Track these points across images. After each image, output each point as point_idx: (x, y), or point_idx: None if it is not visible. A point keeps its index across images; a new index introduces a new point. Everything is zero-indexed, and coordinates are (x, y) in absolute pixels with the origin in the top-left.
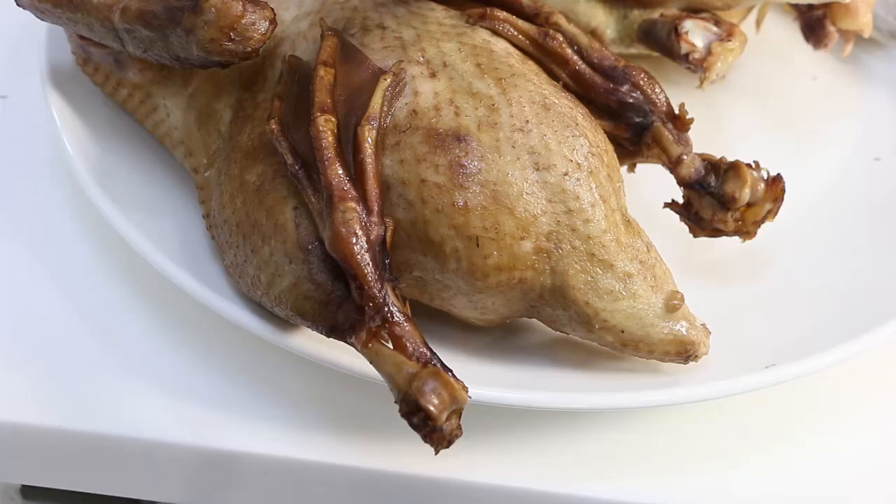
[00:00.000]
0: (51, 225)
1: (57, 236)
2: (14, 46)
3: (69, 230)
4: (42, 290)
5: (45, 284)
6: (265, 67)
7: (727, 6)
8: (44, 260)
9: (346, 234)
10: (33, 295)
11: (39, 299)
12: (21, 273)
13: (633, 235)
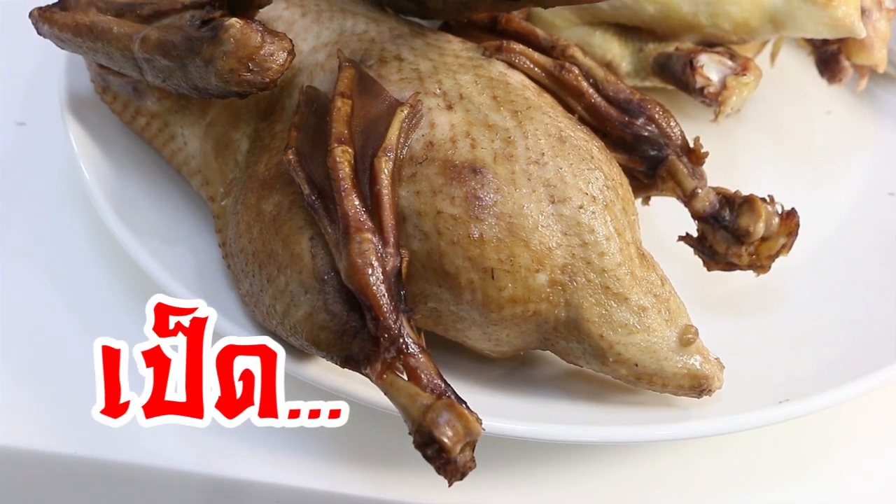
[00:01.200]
0: (67, 251)
1: (73, 262)
2: (33, 74)
3: (86, 256)
4: (57, 316)
5: (61, 310)
6: (282, 98)
7: (742, 40)
8: (60, 286)
9: (362, 265)
10: (49, 320)
11: (55, 325)
12: (37, 298)
13: (648, 269)
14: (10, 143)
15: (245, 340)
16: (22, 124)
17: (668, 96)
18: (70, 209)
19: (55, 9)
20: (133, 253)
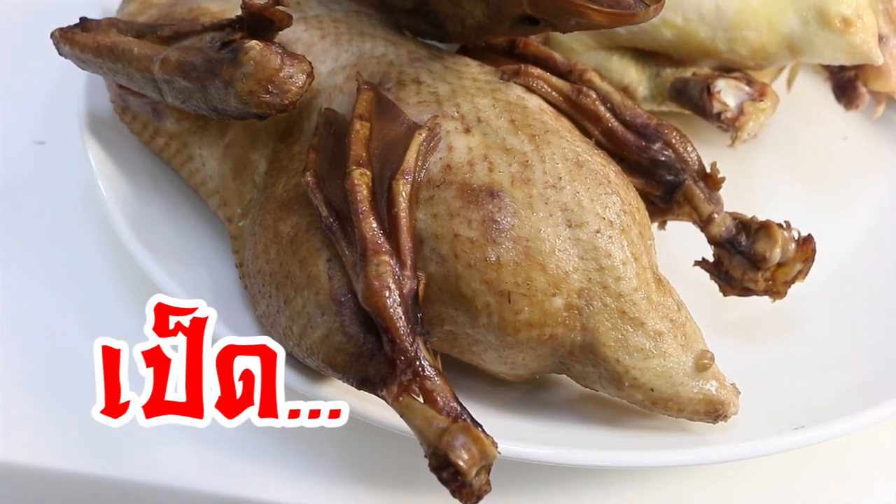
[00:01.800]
0: (84, 270)
1: (90, 281)
2: (53, 94)
3: (102, 276)
4: (73, 336)
5: (77, 329)
6: (301, 119)
7: (759, 66)
8: (77, 305)
9: (380, 288)
10: (64, 340)
11: (70, 344)
12: (54, 318)
13: (664, 294)
14: (30, 161)
15: (245, 340)
16: (41, 143)
17: (684, 121)
18: (88, 228)
19: (76, 30)
20: (150, 272)
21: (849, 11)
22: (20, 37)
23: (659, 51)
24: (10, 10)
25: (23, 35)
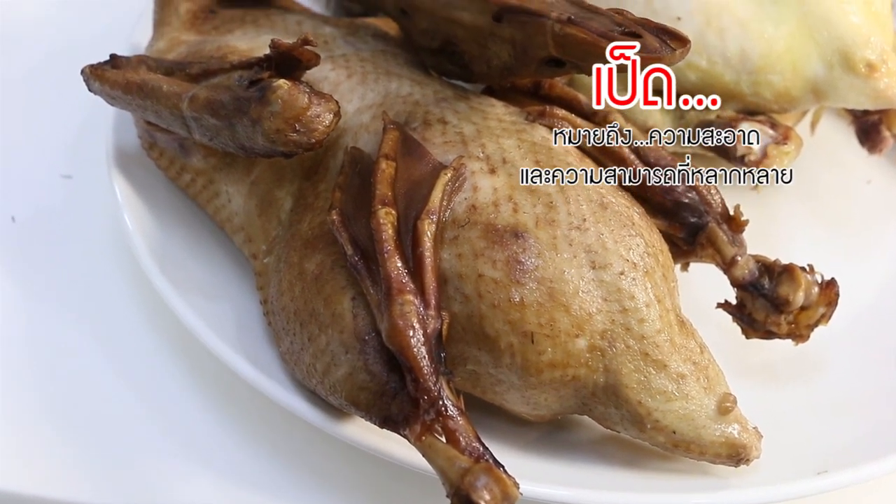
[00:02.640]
0: (109, 304)
1: (115, 316)
2: (81, 129)
3: (127, 310)
4: (98, 369)
5: (102, 363)
6: (327, 158)
7: (783, 109)
8: (101, 339)
9: (404, 327)
10: (89, 373)
11: (95, 378)
12: (78, 350)
13: (687, 336)
14: (56, 195)
15: None
16: (68, 177)
17: (708, 163)
18: (114, 262)
19: (106, 66)
20: (175, 308)
21: (873, 56)
22: (49, 72)
23: (683, 93)
24: (40, 46)
25: (52, 70)
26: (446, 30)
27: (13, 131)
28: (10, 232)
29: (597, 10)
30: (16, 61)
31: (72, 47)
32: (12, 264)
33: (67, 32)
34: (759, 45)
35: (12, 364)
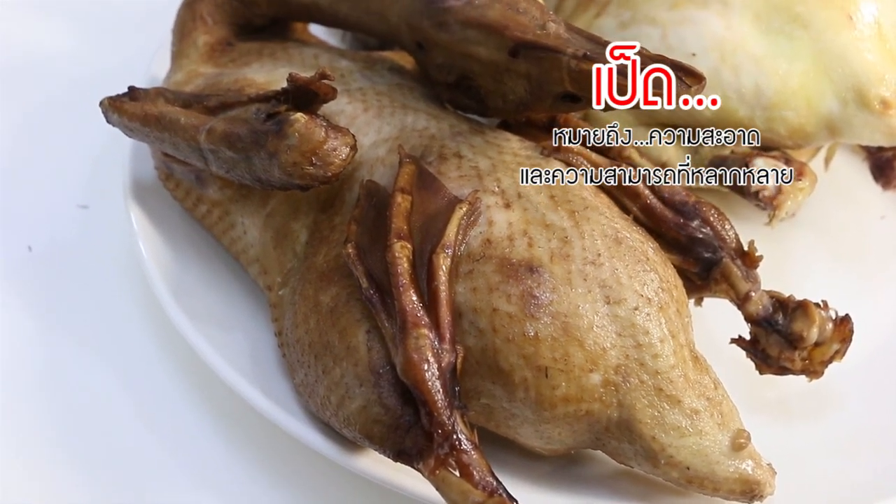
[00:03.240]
0: (124, 334)
1: (130, 346)
2: (98, 159)
3: (142, 340)
4: (112, 398)
5: (116, 392)
6: (342, 190)
7: (797, 145)
8: (116, 368)
9: (418, 361)
10: (103, 402)
11: (109, 406)
12: (92, 379)
13: (701, 372)
14: (73, 225)
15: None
16: (84, 207)
17: (721, 198)
18: (129, 293)
19: (125, 98)
20: (190, 339)
21: (888, 93)
22: (67, 103)
23: (698, 128)
24: (59, 77)
25: (70, 101)
26: (462, 64)
27: (31, 161)
28: (27, 261)
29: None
30: (35, 92)
31: (90, 79)
32: (28, 293)
33: (86, 64)
34: (774, 81)
35: (27, 393)
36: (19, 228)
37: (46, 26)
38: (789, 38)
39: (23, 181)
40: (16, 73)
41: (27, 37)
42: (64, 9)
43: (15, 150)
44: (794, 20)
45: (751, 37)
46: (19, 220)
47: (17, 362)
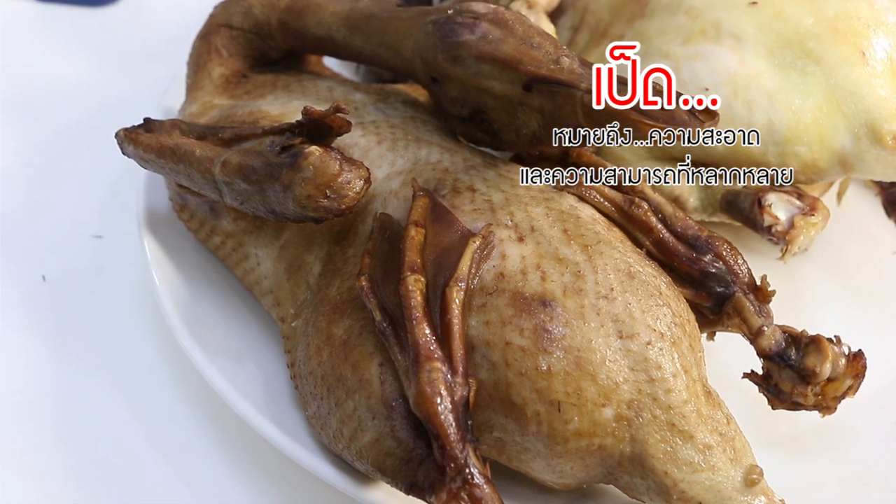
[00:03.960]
0: (137, 364)
1: (142, 376)
2: (113, 190)
3: (155, 371)
4: (124, 428)
5: (129, 423)
6: (356, 223)
7: (810, 180)
8: (129, 398)
9: (431, 394)
10: (116, 432)
11: (121, 436)
12: (105, 409)
13: (714, 407)
14: (87, 255)
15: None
16: (98, 237)
17: (734, 232)
18: (142, 323)
19: (140, 130)
20: (202, 370)
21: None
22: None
23: (710, 162)
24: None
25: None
26: (476, 98)
27: (46, 191)
28: (41, 290)
29: (626, 82)
30: (50, 123)
31: (105, 109)
32: (42, 323)
33: (101, 95)
34: (787, 116)
35: (41, 421)
36: (34, 258)
37: (63, 57)
38: (802, 73)
39: (38, 210)
40: (32, 104)
41: (44, 67)
42: (80, 40)
43: (30, 179)
44: (806, 55)
45: (764, 72)
46: (34, 249)
47: (31, 391)
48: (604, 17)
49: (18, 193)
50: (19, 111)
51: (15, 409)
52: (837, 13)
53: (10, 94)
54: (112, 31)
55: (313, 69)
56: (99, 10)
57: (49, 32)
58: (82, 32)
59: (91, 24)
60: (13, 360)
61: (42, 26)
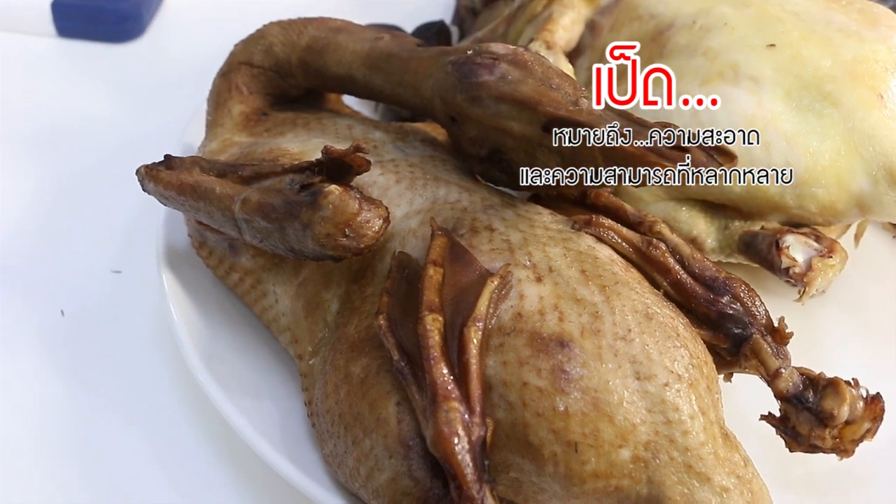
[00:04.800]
0: (154, 400)
1: (159, 412)
2: (132, 225)
3: (172, 406)
4: (142, 465)
5: (146, 458)
6: (374, 262)
7: (828, 222)
8: (146, 433)
9: (448, 434)
10: (134, 469)
11: (139, 473)
12: (123, 444)
13: (731, 449)
14: (105, 290)
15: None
16: (117, 272)
17: (752, 273)
18: (160, 359)
19: (161, 167)
20: (219, 406)
21: None
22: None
23: (728, 204)
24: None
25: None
26: (495, 138)
27: (65, 226)
28: (59, 326)
29: (644, 123)
30: (71, 158)
31: (125, 145)
32: (60, 358)
33: (122, 131)
34: (805, 158)
35: (58, 457)
36: (52, 292)
37: (84, 93)
38: (820, 115)
39: (57, 245)
40: (53, 139)
41: (65, 103)
42: (101, 76)
43: (50, 214)
44: (824, 98)
45: (782, 114)
46: (53, 284)
47: (49, 425)
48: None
49: (38, 228)
50: (41, 146)
51: (33, 443)
52: (855, 56)
53: (31, 129)
54: (133, 68)
55: (333, 107)
56: (120, 46)
57: (71, 68)
58: (104, 68)
59: (112, 61)
60: (32, 394)
61: (64, 62)
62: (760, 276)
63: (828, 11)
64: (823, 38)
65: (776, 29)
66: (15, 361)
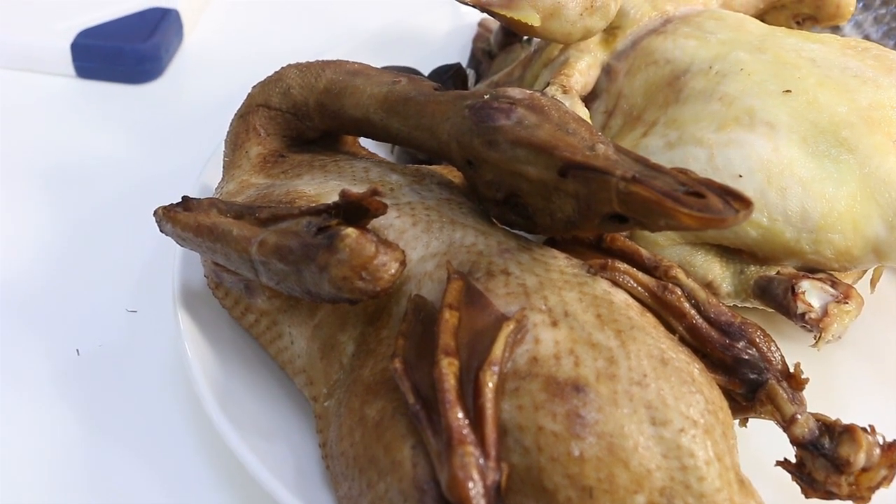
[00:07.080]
0: (168, 440)
1: (174, 451)
2: (148, 265)
3: (186, 446)
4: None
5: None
6: (390, 304)
7: (844, 268)
8: (160, 474)
9: (464, 479)
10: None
11: None
12: (137, 486)
13: (747, 495)
14: (121, 329)
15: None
16: (133, 312)
17: (767, 318)
18: (174, 399)
19: (178, 208)
20: (234, 447)
21: None
22: (118, 209)
23: (743, 248)
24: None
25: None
26: (511, 182)
27: (81, 265)
28: (75, 365)
29: (661, 169)
30: (88, 197)
31: (142, 185)
32: (75, 397)
33: (139, 171)
34: (821, 204)
35: (72, 497)
36: (68, 332)
37: (101, 133)
38: (836, 161)
39: (73, 284)
40: (71, 178)
41: (82, 143)
42: (119, 116)
43: (66, 253)
44: (840, 144)
45: (797, 160)
46: (68, 323)
47: (64, 465)
48: (637, 102)
49: (54, 267)
50: (58, 185)
51: (48, 483)
52: (871, 102)
53: (49, 168)
54: (151, 108)
55: (349, 149)
56: (139, 87)
57: (89, 108)
58: (122, 109)
59: (131, 101)
60: (46, 434)
61: (82, 102)
62: (776, 321)
63: (843, 58)
64: (839, 84)
65: (792, 75)
66: (30, 401)
